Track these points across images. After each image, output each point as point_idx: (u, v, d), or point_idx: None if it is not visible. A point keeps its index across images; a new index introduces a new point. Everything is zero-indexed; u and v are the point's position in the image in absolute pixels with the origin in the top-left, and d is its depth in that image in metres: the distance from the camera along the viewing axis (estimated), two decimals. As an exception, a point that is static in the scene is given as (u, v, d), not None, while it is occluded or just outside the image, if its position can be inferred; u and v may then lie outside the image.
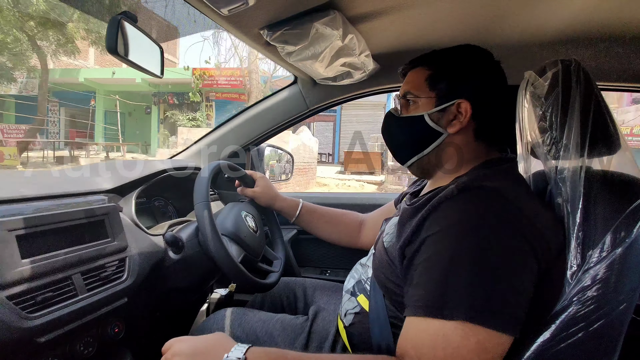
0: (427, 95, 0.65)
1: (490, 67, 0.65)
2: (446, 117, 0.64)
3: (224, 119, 1.34)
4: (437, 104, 0.64)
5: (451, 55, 0.67)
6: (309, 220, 1.01)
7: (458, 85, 0.64)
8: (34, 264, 0.57)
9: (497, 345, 0.46)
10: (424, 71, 0.66)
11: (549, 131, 0.59)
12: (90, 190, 0.79)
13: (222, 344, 0.55)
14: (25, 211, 0.61)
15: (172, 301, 0.92)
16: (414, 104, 0.67)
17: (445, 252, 0.50)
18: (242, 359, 0.50)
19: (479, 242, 0.49)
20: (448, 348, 0.46)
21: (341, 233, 1.00)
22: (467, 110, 0.62)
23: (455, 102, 0.63)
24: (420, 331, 0.49)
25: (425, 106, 0.65)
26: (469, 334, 0.45)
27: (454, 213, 0.53)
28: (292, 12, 0.76)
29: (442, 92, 0.64)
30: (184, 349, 0.54)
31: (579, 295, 0.49)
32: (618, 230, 0.50)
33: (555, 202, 0.59)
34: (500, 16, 0.82)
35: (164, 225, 0.93)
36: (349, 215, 1.02)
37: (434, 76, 0.65)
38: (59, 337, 0.58)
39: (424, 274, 0.51)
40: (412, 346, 0.49)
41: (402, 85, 0.70)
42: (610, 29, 0.85)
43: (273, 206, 1.02)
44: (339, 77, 1.06)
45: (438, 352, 0.46)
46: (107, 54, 0.92)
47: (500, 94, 0.65)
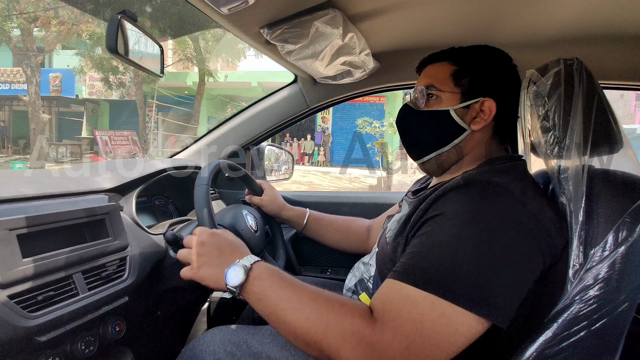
0: (451, 90, 0.65)
1: (510, 69, 0.67)
2: (469, 114, 0.64)
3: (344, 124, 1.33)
4: (462, 100, 0.64)
5: (475, 53, 0.67)
6: (316, 229, 1.01)
7: (483, 83, 0.64)
8: (35, 263, 0.57)
9: (463, 323, 0.46)
10: (449, 66, 0.66)
11: (552, 130, 0.59)
12: (91, 189, 0.79)
13: (240, 251, 0.63)
14: (26, 210, 0.61)
15: (173, 300, 0.92)
16: (437, 99, 0.66)
17: (441, 234, 0.52)
18: (248, 267, 0.58)
19: (477, 232, 0.50)
20: (413, 312, 0.47)
21: (350, 239, 1.00)
22: (492, 109, 0.63)
23: (480, 100, 0.64)
24: (393, 291, 0.51)
25: (449, 101, 0.65)
26: (436, 306, 0.47)
27: (459, 202, 0.54)
28: (292, 10, 0.76)
29: (466, 88, 0.64)
30: (211, 242, 0.63)
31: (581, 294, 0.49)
32: (620, 229, 0.50)
33: (557, 201, 0.59)
34: (502, 15, 0.81)
35: (164, 224, 0.93)
36: (356, 221, 1.02)
37: (460, 72, 0.65)
38: (60, 336, 0.58)
39: (414, 247, 0.54)
40: (382, 302, 0.51)
41: (422, 78, 0.69)
42: (612, 27, 0.85)
43: (280, 216, 1.01)
44: (339, 76, 1.06)
45: (403, 313, 0.48)
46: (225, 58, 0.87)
47: (517, 94, 0.66)
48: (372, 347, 0.47)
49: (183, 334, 1.16)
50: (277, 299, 0.55)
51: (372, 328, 0.48)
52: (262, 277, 0.57)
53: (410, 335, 0.46)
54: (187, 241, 0.66)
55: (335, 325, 0.50)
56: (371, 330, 0.48)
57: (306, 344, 0.52)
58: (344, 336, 0.49)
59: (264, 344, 0.71)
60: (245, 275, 0.57)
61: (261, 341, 0.71)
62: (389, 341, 0.47)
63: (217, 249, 0.63)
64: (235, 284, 0.56)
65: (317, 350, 0.51)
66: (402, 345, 0.46)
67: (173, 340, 1.10)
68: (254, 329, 0.76)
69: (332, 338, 0.49)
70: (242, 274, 0.57)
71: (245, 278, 0.57)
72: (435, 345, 0.46)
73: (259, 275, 0.58)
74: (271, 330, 0.75)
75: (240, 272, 0.57)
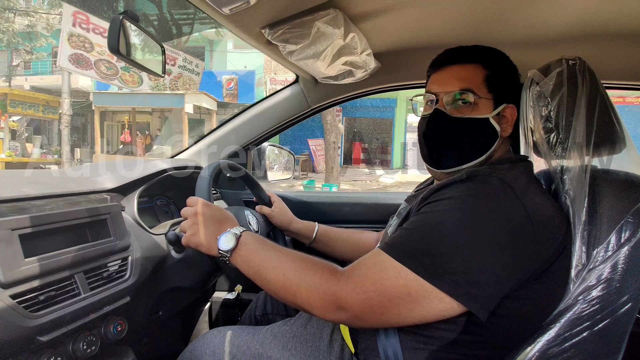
0: (485, 95, 0.63)
1: (517, 73, 0.68)
2: (499, 121, 0.65)
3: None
4: (494, 107, 0.64)
5: (499, 57, 0.67)
6: (326, 242, 1.01)
7: (509, 89, 0.65)
8: (37, 263, 0.57)
9: (425, 297, 0.50)
10: (481, 70, 0.64)
11: (554, 130, 0.58)
12: (93, 189, 0.79)
13: (231, 222, 0.70)
14: (28, 210, 0.61)
15: (174, 300, 0.92)
16: (474, 105, 0.63)
17: (431, 215, 0.55)
18: (238, 234, 0.65)
19: (465, 216, 0.52)
20: (377, 274, 0.53)
21: (360, 251, 0.98)
22: (513, 115, 0.65)
23: (506, 106, 0.65)
24: (371, 256, 0.57)
25: (485, 108, 0.64)
26: (401, 275, 0.51)
27: (457, 189, 0.55)
28: (293, 11, 0.76)
29: (496, 94, 0.64)
30: (206, 212, 0.69)
31: (584, 295, 0.49)
32: (623, 230, 0.50)
33: (560, 201, 0.58)
34: (503, 14, 0.81)
35: (166, 224, 0.93)
36: (364, 233, 1.02)
37: (491, 77, 0.64)
38: (62, 336, 0.59)
39: (406, 225, 0.57)
40: (357, 262, 0.58)
41: (453, 81, 0.64)
42: (614, 25, 0.84)
43: (289, 229, 1.01)
44: (341, 76, 1.06)
45: (369, 273, 0.54)
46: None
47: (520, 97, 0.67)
48: (336, 296, 0.54)
49: (185, 334, 1.16)
50: (260, 259, 0.63)
51: (338, 280, 0.55)
52: (248, 243, 0.65)
53: (368, 292, 0.52)
54: (184, 212, 0.71)
55: (306, 279, 0.57)
56: (336, 282, 0.55)
57: (284, 297, 0.60)
58: (313, 287, 0.56)
59: (264, 345, 0.71)
60: (236, 241, 0.64)
61: (262, 342, 0.71)
62: (350, 291, 0.53)
63: (210, 218, 0.69)
64: (227, 249, 0.64)
65: (293, 301, 0.59)
66: (359, 297, 0.53)
67: (174, 340, 1.10)
68: (254, 329, 0.76)
69: (304, 290, 0.57)
70: (233, 240, 0.64)
71: (235, 244, 0.64)
72: (393, 307, 0.52)
73: (246, 241, 0.65)
74: (272, 330, 0.75)
75: (231, 239, 0.64)
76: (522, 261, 0.51)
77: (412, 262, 0.51)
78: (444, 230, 0.52)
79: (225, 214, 0.72)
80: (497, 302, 0.51)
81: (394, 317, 0.52)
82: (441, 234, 0.52)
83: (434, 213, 0.55)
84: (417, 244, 0.53)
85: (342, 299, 0.54)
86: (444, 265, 0.50)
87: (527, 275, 0.51)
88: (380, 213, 1.19)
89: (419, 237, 0.54)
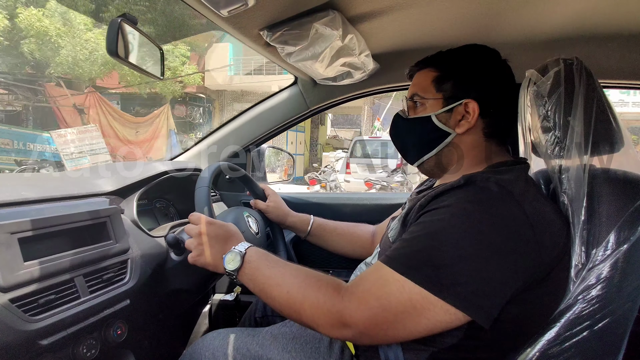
0: (433, 96, 0.66)
1: (497, 66, 0.66)
2: (454, 118, 0.65)
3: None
4: (444, 105, 0.65)
5: (457, 56, 0.67)
6: (321, 235, 1.01)
7: (465, 86, 0.64)
8: (37, 266, 0.57)
9: (430, 310, 0.49)
10: (431, 72, 0.67)
11: (552, 130, 0.59)
12: (92, 192, 0.79)
13: (236, 238, 0.70)
14: (28, 214, 0.61)
15: (174, 302, 0.92)
16: (422, 106, 0.68)
17: (431, 225, 0.54)
18: (243, 253, 0.65)
19: (465, 226, 0.52)
20: (381, 290, 0.52)
21: (355, 245, 0.99)
22: (475, 110, 0.63)
23: (463, 102, 0.64)
24: (373, 271, 0.56)
25: (432, 107, 0.66)
26: (405, 289, 0.51)
27: (455, 197, 0.55)
28: (291, 12, 0.76)
29: (448, 92, 0.65)
30: (210, 232, 0.69)
31: (583, 294, 0.49)
32: (622, 229, 0.50)
33: (559, 201, 0.59)
34: (501, 14, 0.81)
35: (165, 226, 0.93)
36: (360, 227, 1.02)
37: (441, 77, 0.66)
38: (62, 340, 0.58)
39: (406, 235, 0.57)
40: (360, 277, 0.57)
41: (410, 88, 0.71)
42: (610, 25, 0.85)
43: (284, 222, 1.01)
44: (339, 77, 1.06)
45: (373, 289, 0.53)
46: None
47: (508, 93, 0.66)
48: (340, 314, 0.54)
49: (185, 337, 1.16)
50: (264, 277, 0.63)
51: (342, 297, 0.55)
52: (252, 260, 0.65)
53: (373, 308, 0.52)
54: (188, 230, 0.71)
55: (310, 297, 0.57)
56: (340, 299, 0.55)
57: (289, 315, 0.60)
58: (317, 305, 0.56)
59: (264, 347, 0.70)
60: (241, 260, 0.65)
61: (261, 344, 0.71)
62: (354, 308, 0.53)
63: (214, 237, 0.69)
64: (233, 269, 0.64)
65: (298, 319, 0.58)
66: (364, 314, 0.52)
67: (175, 342, 1.10)
68: (254, 331, 0.76)
69: (309, 308, 0.56)
70: (239, 259, 0.65)
71: (241, 263, 0.64)
72: (399, 321, 0.51)
73: (250, 259, 0.65)
74: (271, 332, 0.75)
75: (236, 258, 0.65)
76: (525, 267, 0.50)
77: (416, 274, 0.50)
78: (445, 240, 0.51)
79: (229, 230, 0.72)
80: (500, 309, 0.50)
81: (400, 331, 0.52)
82: (442, 244, 0.51)
83: (434, 222, 0.54)
84: (418, 255, 0.52)
85: (347, 316, 0.53)
86: (447, 276, 0.49)
87: (529, 281, 0.51)
88: (380, 213, 1.19)
89: (420, 248, 0.53)
